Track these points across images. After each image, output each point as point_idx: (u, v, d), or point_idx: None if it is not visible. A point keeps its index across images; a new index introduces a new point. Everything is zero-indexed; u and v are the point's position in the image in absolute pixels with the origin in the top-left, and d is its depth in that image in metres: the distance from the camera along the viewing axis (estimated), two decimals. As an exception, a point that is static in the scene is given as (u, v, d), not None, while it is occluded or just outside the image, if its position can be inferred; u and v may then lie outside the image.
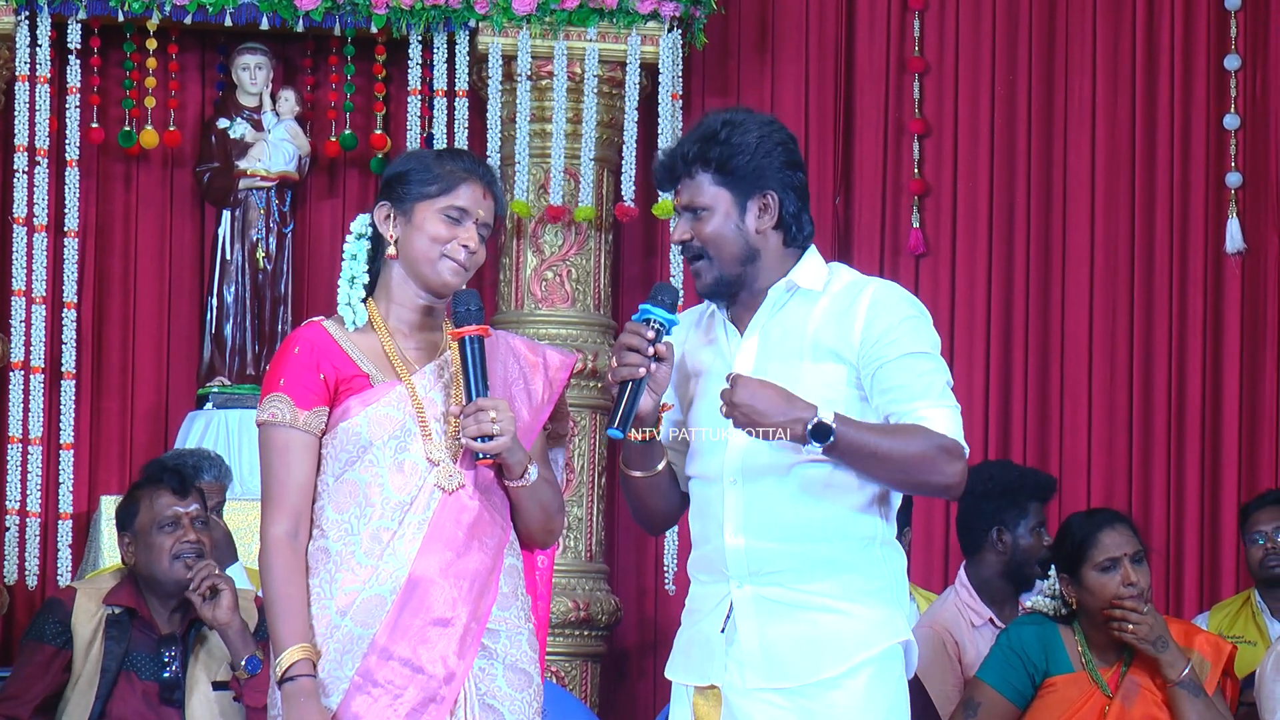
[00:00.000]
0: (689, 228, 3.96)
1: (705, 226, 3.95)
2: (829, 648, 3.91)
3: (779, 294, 3.97)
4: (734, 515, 3.94)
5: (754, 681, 3.92)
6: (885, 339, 3.90)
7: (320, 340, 3.95)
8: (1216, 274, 8.10)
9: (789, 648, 3.91)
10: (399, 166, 4.01)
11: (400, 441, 3.89)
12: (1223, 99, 8.12)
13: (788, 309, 3.98)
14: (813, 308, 3.96)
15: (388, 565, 3.86)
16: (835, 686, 3.91)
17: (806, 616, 3.91)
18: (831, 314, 3.94)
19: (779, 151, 3.97)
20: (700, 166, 3.94)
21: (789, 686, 3.91)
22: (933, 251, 8.10)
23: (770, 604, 3.93)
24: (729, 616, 3.95)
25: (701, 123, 3.98)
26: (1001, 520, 6.24)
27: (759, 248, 3.96)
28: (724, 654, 3.95)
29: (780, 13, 8.13)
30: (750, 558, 3.93)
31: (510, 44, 7.53)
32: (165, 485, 5.37)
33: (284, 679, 3.82)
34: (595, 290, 7.67)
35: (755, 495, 3.92)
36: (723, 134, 3.93)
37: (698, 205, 3.95)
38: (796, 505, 3.92)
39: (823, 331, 3.94)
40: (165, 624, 5.34)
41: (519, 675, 3.95)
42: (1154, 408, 8.06)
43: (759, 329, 3.98)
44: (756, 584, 3.93)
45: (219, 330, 7.70)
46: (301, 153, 7.80)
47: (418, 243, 3.94)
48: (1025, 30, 8.16)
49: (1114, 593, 5.39)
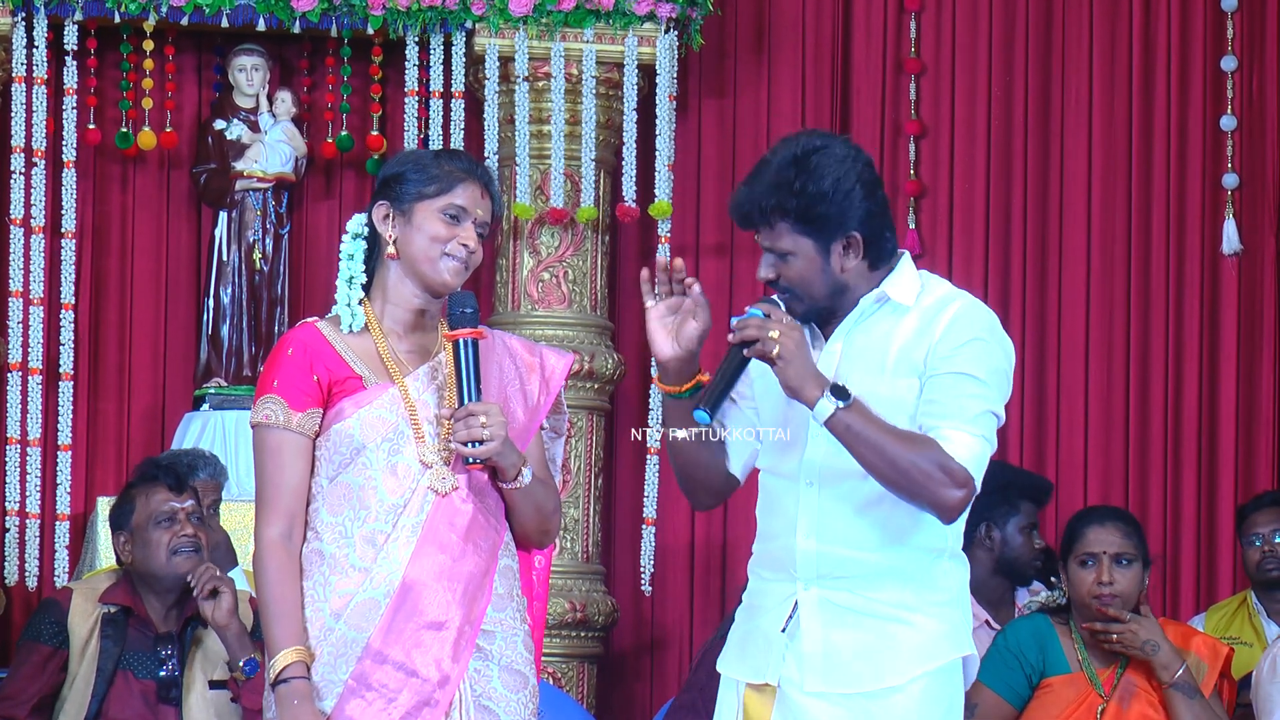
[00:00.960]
0: (773, 268, 3.91)
1: (790, 270, 3.89)
2: (893, 657, 3.89)
3: (869, 304, 3.93)
4: (808, 517, 3.90)
5: (813, 684, 3.89)
6: (945, 354, 3.87)
7: (314, 342, 3.94)
8: (1213, 275, 8.10)
9: (852, 654, 3.89)
10: (396, 167, 4.01)
11: (393, 444, 3.89)
12: (1219, 100, 8.12)
13: (874, 319, 3.93)
14: (901, 321, 3.92)
15: (381, 569, 3.86)
16: (895, 694, 3.89)
17: (872, 624, 3.89)
18: (917, 329, 3.91)
19: (858, 189, 3.88)
20: (778, 216, 3.87)
21: (849, 692, 3.89)
22: (929, 253, 8.09)
23: (836, 608, 3.90)
24: (792, 616, 3.91)
25: (772, 163, 3.88)
26: (990, 517, 6.24)
27: (845, 282, 3.92)
28: (784, 653, 3.92)
29: (777, 14, 8.13)
30: (820, 561, 3.89)
31: (507, 45, 7.53)
32: (161, 482, 5.37)
33: (278, 681, 3.82)
34: (592, 291, 7.68)
35: (831, 499, 3.89)
36: (798, 184, 3.84)
37: (780, 250, 3.90)
38: (871, 512, 3.88)
39: (907, 346, 3.90)
40: (162, 622, 5.34)
41: (514, 676, 3.95)
42: (1150, 409, 8.06)
43: (844, 336, 3.93)
44: (823, 587, 3.90)
45: (215, 331, 7.70)
46: (298, 154, 7.80)
47: (417, 242, 3.94)
48: (1022, 31, 8.16)
49: (1089, 589, 5.39)
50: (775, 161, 3.89)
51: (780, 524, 3.95)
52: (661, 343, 3.89)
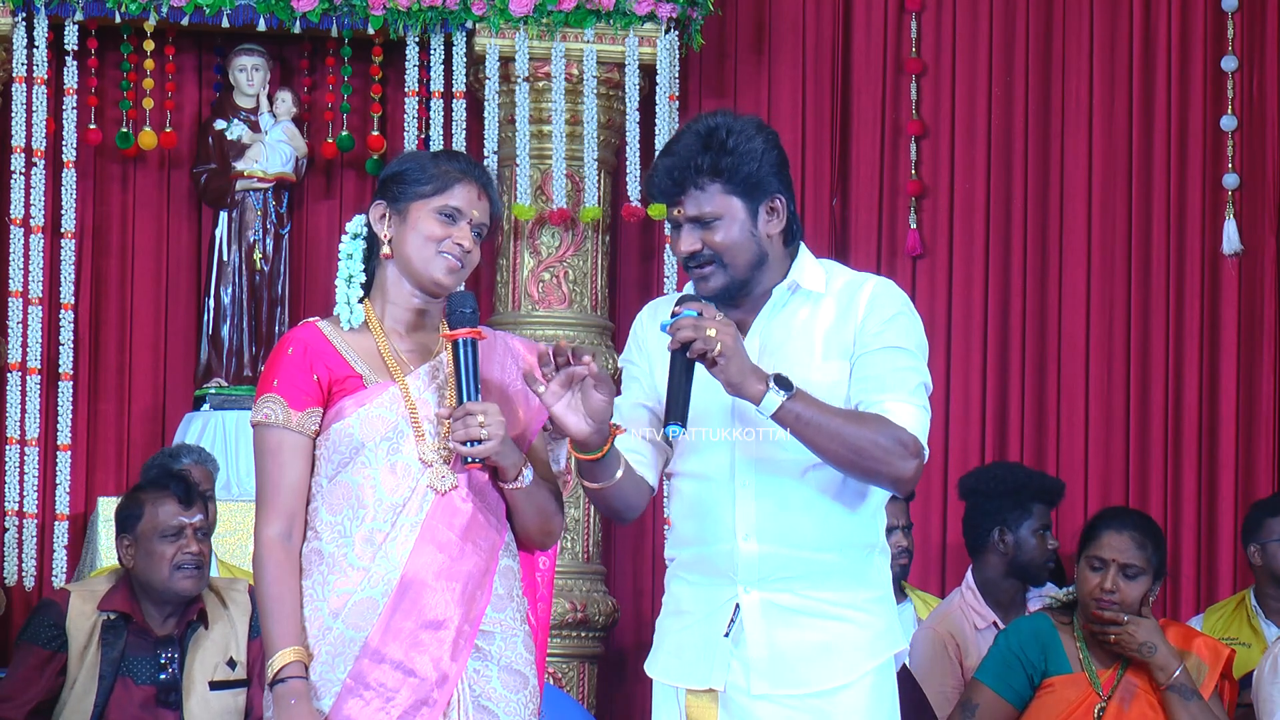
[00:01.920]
0: (697, 238, 3.93)
1: (718, 235, 3.92)
2: (840, 655, 3.91)
3: (782, 294, 3.97)
4: (747, 519, 3.91)
5: (761, 687, 3.90)
6: (873, 331, 3.91)
7: (314, 341, 3.95)
8: (1213, 275, 8.10)
9: (799, 654, 3.90)
10: (395, 167, 4.02)
11: (393, 443, 3.89)
12: (1219, 100, 8.12)
13: (789, 309, 3.97)
14: (818, 307, 3.96)
15: (380, 567, 3.86)
16: (844, 691, 3.91)
17: (815, 624, 3.91)
18: (837, 312, 3.95)
19: (776, 153, 3.97)
20: (710, 177, 3.91)
21: (799, 693, 3.90)
22: (930, 253, 8.09)
23: (778, 609, 3.91)
24: (734, 620, 3.92)
25: (696, 131, 3.95)
26: (1004, 520, 6.25)
27: (768, 251, 3.95)
28: (729, 658, 3.92)
29: (777, 14, 8.13)
30: (763, 563, 3.91)
31: (507, 45, 7.53)
32: (171, 493, 5.37)
33: (275, 680, 3.82)
34: (592, 291, 7.67)
35: (769, 499, 3.90)
36: (730, 142, 3.90)
37: (709, 215, 3.92)
38: (810, 511, 3.91)
39: (831, 330, 3.94)
40: (160, 627, 5.34)
41: (514, 676, 3.95)
42: (1151, 409, 8.06)
43: (760, 329, 3.96)
44: (764, 589, 3.91)
45: (216, 331, 7.70)
46: (298, 154, 7.80)
47: (412, 241, 3.95)
48: (1022, 31, 8.16)
49: (1091, 592, 5.40)
50: (699, 129, 3.94)
51: (713, 528, 3.94)
52: (575, 424, 3.83)
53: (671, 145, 3.96)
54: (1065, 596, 5.56)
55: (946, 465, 7.87)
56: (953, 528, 7.82)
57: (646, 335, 4.03)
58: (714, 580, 3.95)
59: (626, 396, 4.02)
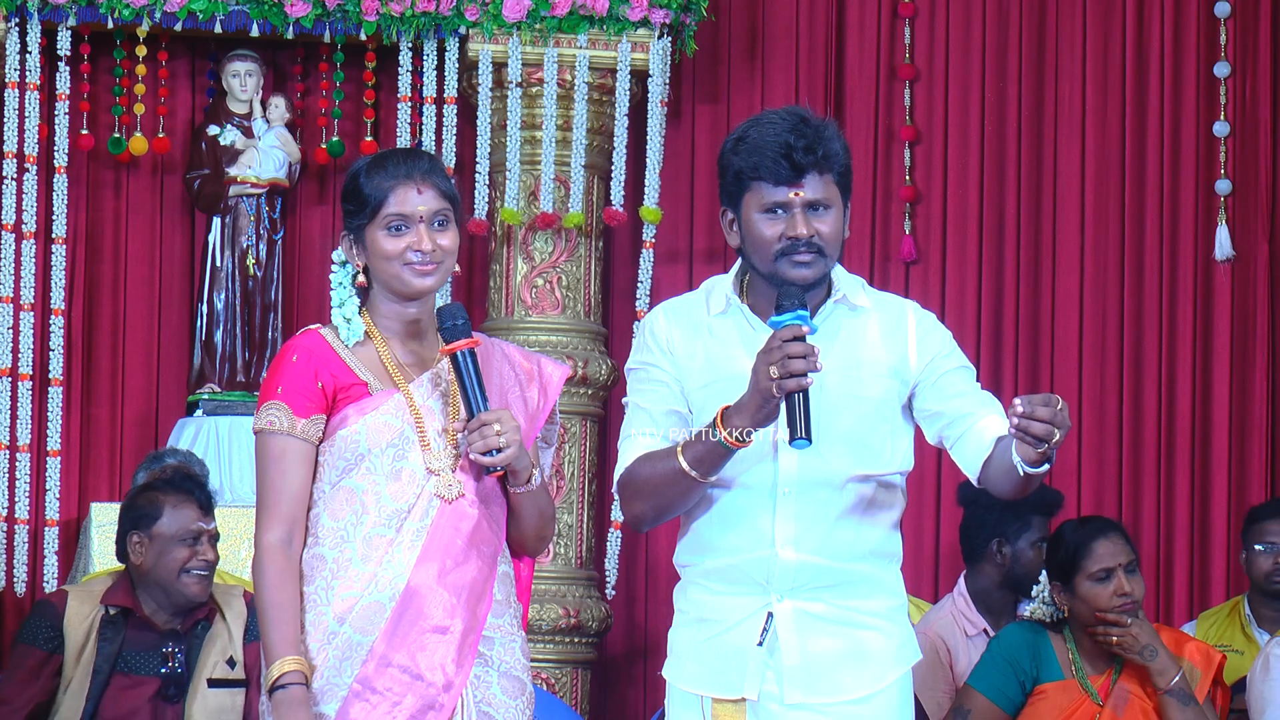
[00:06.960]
0: (810, 225, 3.89)
1: (827, 225, 3.90)
2: (871, 663, 3.94)
3: (830, 305, 3.97)
4: (786, 528, 3.90)
5: (794, 696, 3.91)
6: (946, 353, 4.01)
7: (319, 348, 3.95)
8: (1206, 281, 8.11)
9: (832, 662, 3.92)
10: (343, 196, 4.02)
11: (398, 450, 3.89)
12: (1212, 106, 8.13)
13: (833, 321, 3.96)
14: (862, 323, 3.97)
15: (386, 572, 3.86)
16: (876, 698, 3.95)
17: (846, 632, 3.93)
18: (882, 332, 3.97)
19: None
20: (825, 165, 3.89)
21: (832, 701, 3.92)
22: (923, 258, 8.10)
23: (811, 618, 3.92)
24: (766, 629, 3.92)
25: (804, 120, 3.89)
26: (1002, 532, 6.24)
27: (839, 253, 3.99)
28: (762, 667, 3.92)
29: (770, 19, 8.14)
30: (800, 572, 3.91)
31: (500, 51, 7.53)
32: (194, 499, 5.40)
33: (274, 687, 3.81)
34: (585, 297, 7.67)
35: (809, 509, 3.90)
36: (838, 139, 3.91)
37: (823, 202, 3.90)
38: (847, 521, 3.92)
39: (878, 349, 3.95)
40: (164, 623, 5.35)
41: (513, 682, 3.95)
42: (1144, 414, 8.07)
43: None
44: (798, 598, 3.91)
45: (209, 337, 7.69)
46: (292, 160, 7.80)
47: (377, 263, 3.95)
48: (1015, 37, 8.16)
49: (1106, 603, 5.39)
50: (809, 119, 3.91)
51: (748, 537, 3.93)
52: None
53: (775, 130, 3.89)
54: (1051, 618, 5.53)
55: (940, 470, 7.87)
56: (945, 533, 7.83)
57: (673, 341, 4.00)
58: (744, 588, 3.94)
59: (655, 401, 3.98)
